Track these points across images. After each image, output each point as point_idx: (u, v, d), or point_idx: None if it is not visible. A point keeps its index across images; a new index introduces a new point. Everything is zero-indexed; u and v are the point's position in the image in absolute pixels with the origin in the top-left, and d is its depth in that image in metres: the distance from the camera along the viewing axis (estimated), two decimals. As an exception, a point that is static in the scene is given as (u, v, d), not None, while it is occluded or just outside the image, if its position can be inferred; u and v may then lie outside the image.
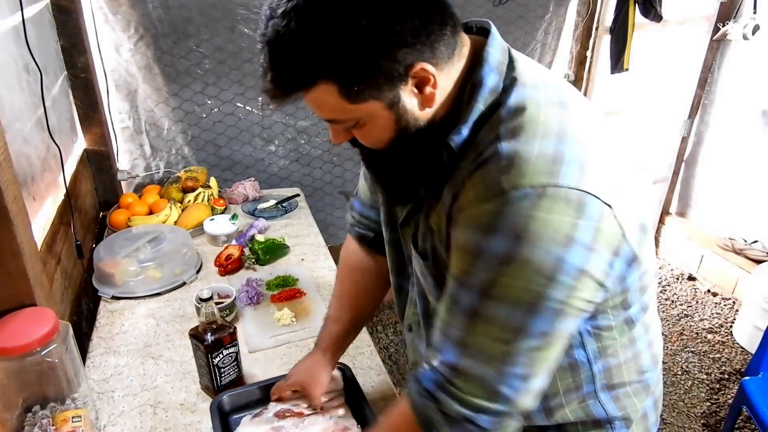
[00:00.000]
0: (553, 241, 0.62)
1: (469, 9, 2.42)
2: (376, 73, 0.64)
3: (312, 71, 0.64)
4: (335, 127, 0.74)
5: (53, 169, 1.59)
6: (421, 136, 0.72)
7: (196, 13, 2.05)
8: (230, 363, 1.16)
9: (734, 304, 2.98)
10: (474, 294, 0.67)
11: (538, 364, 0.68)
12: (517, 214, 0.62)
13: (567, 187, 0.62)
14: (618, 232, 0.65)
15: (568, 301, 0.65)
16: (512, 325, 0.66)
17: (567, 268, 0.63)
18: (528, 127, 0.66)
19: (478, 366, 0.68)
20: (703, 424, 2.26)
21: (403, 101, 0.68)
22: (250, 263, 1.70)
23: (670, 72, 3.02)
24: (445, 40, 0.67)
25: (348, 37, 0.61)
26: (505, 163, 0.64)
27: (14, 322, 1.01)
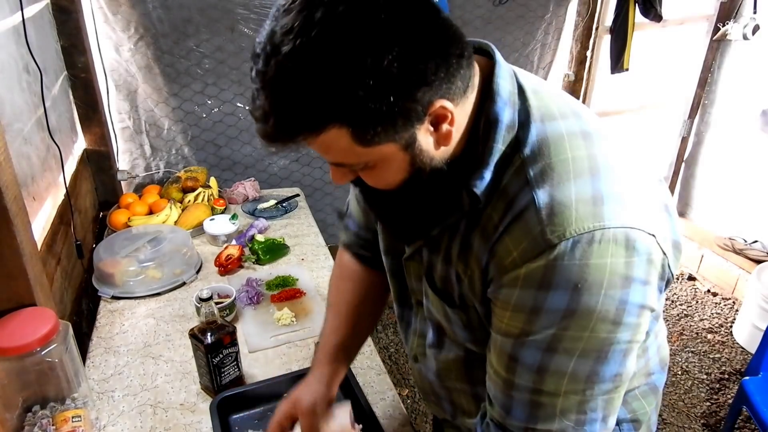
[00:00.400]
0: (612, 285, 0.60)
1: (468, 9, 2.42)
2: (394, 115, 0.57)
3: (322, 115, 0.56)
4: (340, 169, 0.68)
5: (53, 169, 1.59)
6: (438, 178, 0.66)
7: (196, 13, 2.05)
8: (230, 363, 1.16)
9: (734, 304, 2.98)
10: (540, 351, 0.64)
11: (613, 403, 0.68)
12: (570, 265, 0.60)
13: (614, 228, 0.60)
14: (663, 258, 0.64)
15: (633, 339, 0.64)
16: (584, 375, 0.64)
17: (630, 309, 0.62)
18: (559, 168, 0.62)
19: (559, 421, 0.67)
20: (703, 424, 2.26)
21: (419, 141, 0.61)
22: (250, 263, 1.70)
23: (670, 72, 3.02)
24: (462, 73, 0.61)
25: (365, 77, 0.53)
26: (545, 213, 0.61)
27: (14, 322, 1.01)
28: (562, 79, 2.85)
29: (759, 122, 2.75)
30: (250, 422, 1.11)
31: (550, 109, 0.67)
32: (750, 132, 2.85)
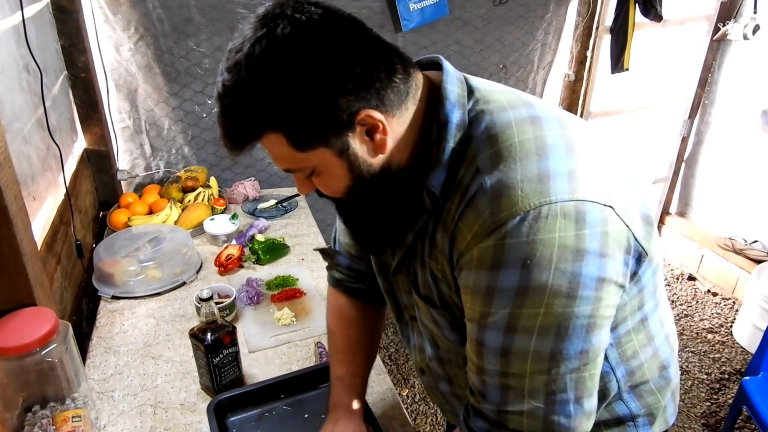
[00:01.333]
0: (562, 259, 0.61)
1: (469, 9, 2.42)
2: (320, 122, 0.64)
3: (258, 122, 0.65)
4: (297, 177, 0.74)
5: (53, 169, 1.59)
6: (379, 182, 0.71)
7: (196, 13, 2.05)
8: (230, 363, 1.16)
9: (734, 304, 2.98)
10: (499, 333, 0.65)
11: (585, 383, 0.67)
12: (518, 243, 0.61)
13: (561, 201, 0.61)
14: (625, 230, 0.64)
15: (595, 314, 0.64)
16: (547, 353, 0.64)
17: (585, 282, 0.62)
18: (505, 153, 0.65)
19: (526, 403, 0.67)
20: (703, 424, 2.26)
21: (353, 148, 0.67)
22: (250, 263, 1.70)
23: (670, 72, 3.03)
24: (394, 87, 0.66)
25: (290, 88, 0.62)
26: (492, 195, 0.63)
27: (14, 322, 1.01)
28: (562, 79, 2.85)
29: (759, 122, 2.75)
30: (248, 423, 1.11)
31: (499, 104, 0.70)
32: (750, 132, 2.85)
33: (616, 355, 0.77)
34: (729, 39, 2.80)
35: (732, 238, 3.00)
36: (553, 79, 2.82)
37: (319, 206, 2.60)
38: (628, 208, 0.66)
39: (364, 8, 2.26)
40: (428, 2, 2.31)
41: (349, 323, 1.05)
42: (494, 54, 2.57)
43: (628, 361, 0.79)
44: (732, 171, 2.99)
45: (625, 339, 0.77)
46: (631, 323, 0.76)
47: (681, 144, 3.22)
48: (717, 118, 3.05)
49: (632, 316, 0.76)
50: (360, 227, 0.82)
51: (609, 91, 2.91)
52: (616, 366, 0.78)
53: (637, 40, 2.63)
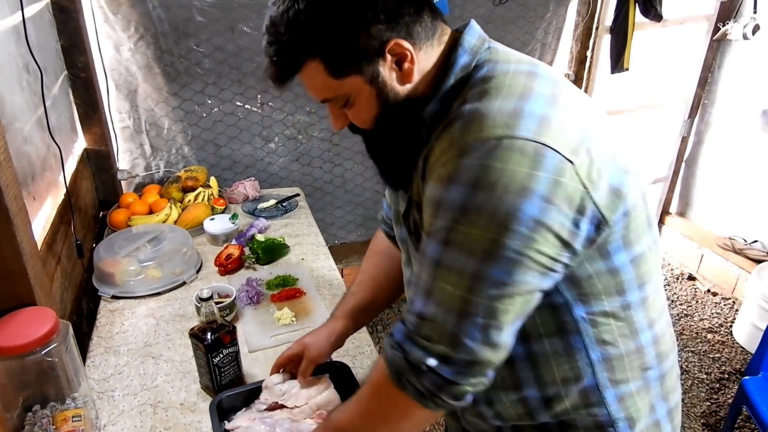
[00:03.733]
0: (507, 190, 0.64)
1: (469, 9, 2.42)
2: (354, 48, 0.72)
3: (301, 50, 0.73)
4: (332, 110, 0.81)
5: (53, 169, 1.59)
6: (403, 111, 0.77)
7: (196, 13, 2.05)
8: (230, 362, 1.16)
9: (734, 303, 2.98)
10: (436, 244, 0.69)
11: (497, 314, 0.68)
12: (473, 164, 0.65)
13: (523, 139, 0.64)
14: (580, 189, 0.66)
15: (524, 252, 0.66)
16: (470, 272, 0.67)
17: (522, 218, 0.64)
18: (492, 91, 0.70)
19: (441, 314, 0.70)
20: (703, 424, 2.26)
21: (383, 76, 0.74)
22: (250, 263, 1.70)
23: (670, 72, 3.02)
24: (422, 23, 0.74)
25: (328, 17, 0.70)
26: (465, 120, 0.68)
27: (14, 322, 1.01)
28: (562, 78, 2.85)
29: (759, 122, 2.75)
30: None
31: (506, 57, 0.76)
32: (750, 132, 2.85)
33: (591, 334, 0.77)
34: (729, 39, 2.80)
35: (732, 238, 3.00)
36: (553, 79, 2.83)
37: (319, 206, 2.60)
38: (594, 172, 0.67)
39: (364, 8, 2.26)
40: (428, 2, 2.31)
41: (376, 254, 1.16)
42: (494, 54, 2.57)
43: (606, 346, 0.78)
44: (732, 171, 2.99)
45: (601, 320, 0.77)
46: (609, 306, 0.76)
47: (681, 144, 3.22)
48: (717, 118, 3.05)
49: (610, 298, 0.76)
50: (385, 161, 0.87)
51: (609, 91, 2.91)
52: (590, 345, 0.77)
53: (637, 40, 2.63)
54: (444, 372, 0.70)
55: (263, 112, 2.33)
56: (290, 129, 2.41)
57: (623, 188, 0.71)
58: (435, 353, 0.70)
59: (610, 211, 0.69)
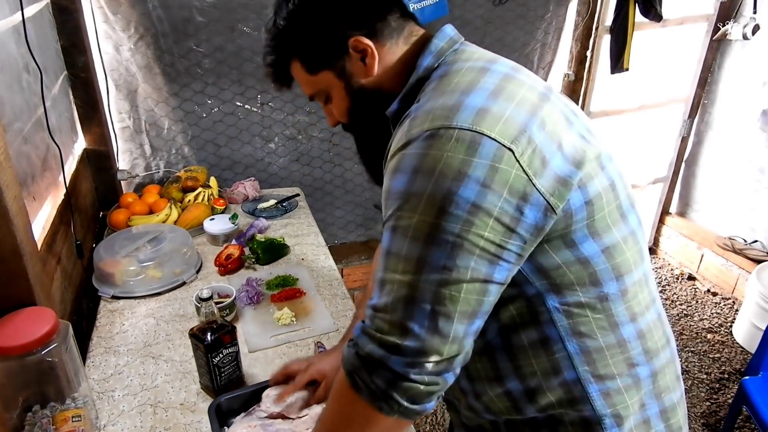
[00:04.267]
0: (442, 175, 0.67)
1: (469, 9, 2.42)
2: (323, 47, 0.83)
3: (283, 53, 0.87)
4: (324, 109, 0.92)
5: (53, 169, 1.59)
6: (369, 103, 0.86)
7: (196, 13, 2.05)
8: (230, 363, 1.16)
9: (734, 304, 2.98)
10: (386, 233, 0.72)
11: (443, 300, 0.68)
12: (413, 153, 0.70)
13: (459, 128, 0.68)
14: (522, 176, 0.67)
15: (463, 235, 0.67)
16: (413, 257, 0.69)
17: (458, 201, 0.66)
18: (440, 89, 0.75)
19: (390, 302, 0.70)
20: (703, 424, 2.26)
21: (348, 70, 0.84)
22: (250, 263, 1.70)
23: (670, 72, 3.02)
24: (387, 23, 0.83)
25: (301, 22, 0.83)
26: (412, 118, 0.73)
27: (14, 322, 1.01)
28: (562, 78, 2.85)
29: (759, 122, 2.76)
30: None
31: (468, 57, 0.81)
32: (750, 132, 2.85)
33: (566, 325, 0.76)
34: (729, 39, 2.81)
35: (732, 238, 3.00)
36: (553, 79, 2.83)
37: (319, 206, 2.60)
38: (536, 160, 0.68)
39: (364, 8, 2.26)
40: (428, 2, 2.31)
41: None
42: (494, 54, 2.57)
43: (582, 338, 0.77)
44: (732, 171, 2.99)
45: (577, 311, 0.76)
46: (584, 297, 0.76)
47: (681, 144, 3.22)
48: (717, 118, 3.05)
49: (583, 289, 0.76)
50: (367, 158, 0.95)
51: (609, 91, 2.91)
52: (565, 337, 0.77)
53: (636, 40, 2.63)
54: (394, 364, 0.69)
55: (263, 112, 2.33)
56: (290, 129, 2.41)
57: (573, 178, 0.71)
58: (385, 344, 0.70)
59: (557, 199, 0.70)
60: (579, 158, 0.73)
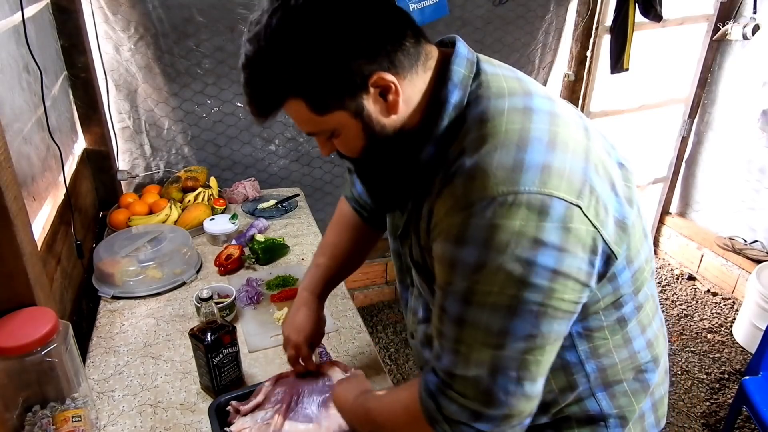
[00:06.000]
0: (519, 245, 0.63)
1: (469, 9, 2.42)
2: (336, 85, 0.69)
3: (280, 90, 0.70)
4: (318, 139, 0.79)
5: (53, 169, 1.59)
6: (392, 144, 0.75)
7: (196, 13, 2.05)
8: (230, 363, 1.16)
9: (734, 304, 2.98)
10: (458, 302, 0.69)
11: (529, 366, 0.69)
12: (481, 224, 0.65)
13: (528, 193, 0.64)
14: (591, 230, 0.67)
15: (547, 303, 0.66)
16: (496, 330, 0.67)
17: (538, 271, 0.64)
18: (489, 139, 0.68)
19: (472, 371, 0.70)
20: (703, 424, 2.26)
21: (367, 110, 0.71)
22: (250, 263, 1.70)
23: (670, 72, 3.02)
24: (404, 50, 0.70)
25: (305, 56, 0.67)
26: (467, 176, 0.67)
27: (14, 322, 1.01)
28: (562, 79, 2.85)
29: (759, 122, 2.75)
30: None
31: (500, 90, 0.73)
32: (750, 132, 2.85)
33: (587, 349, 0.79)
34: (729, 39, 2.80)
35: (732, 238, 3.00)
36: (553, 79, 2.82)
37: (319, 206, 2.60)
38: (601, 210, 0.68)
39: (364, 8, 2.26)
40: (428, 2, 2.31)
41: (345, 227, 1.16)
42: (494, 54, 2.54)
43: (600, 358, 0.80)
44: (732, 171, 2.99)
45: (598, 335, 0.78)
46: (606, 320, 0.78)
47: (681, 144, 3.22)
48: (717, 118, 3.05)
49: (606, 313, 0.77)
50: (374, 186, 0.87)
51: (609, 91, 2.91)
52: (585, 359, 0.79)
53: (636, 40, 2.63)
54: (481, 427, 0.71)
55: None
56: (290, 129, 2.41)
57: (627, 219, 0.72)
58: (470, 410, 0.71)
59: (617, 246, 0.70)
60: (629, 196, 0.73)
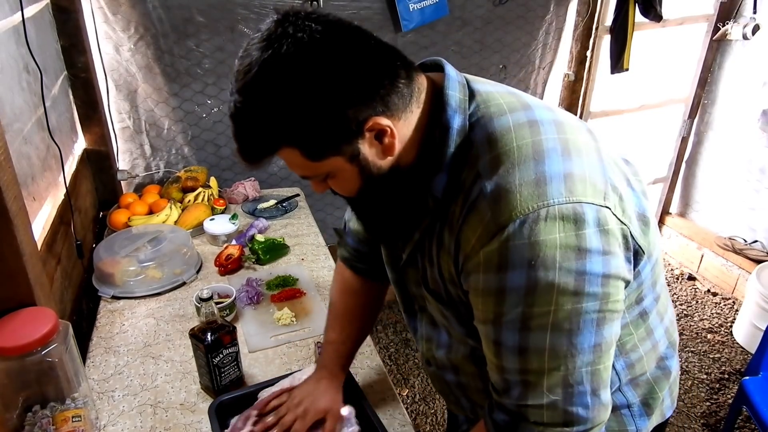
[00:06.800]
0: (566, 258, 0.63)
1: (469, 9, 2.42)
2: (330, 134, 0.67)
3: (272, 140, 0.68)
4: (313, 181, 0.78)
5: (53, 169, 1.59)
6: (388, 181, 0.74)
7: (196, 13, 2.05)
8: (230, 363, 1.16)
9: (734, 304, 2.98)
10: (515, 332, 0.68)
11: (601, 375, 0.69)
12: (521, 244, 0.63)
13: (558, 204, 0.63)
14: (623, 228, 0.67)
15: (605, 308, 0.66)
16: (562, 349, 0.67)
17: (591, 279, 0.64)
18: (504, 158, 0.67)
19: (545, 397, 0.69)
20: (703, 424, 2.26)
21: (363, 154, 0.70)
22: (250, 263, 1.70)
23: (670, 72, 3.02)
24: (398, 91, 0.69)
25: (298, 106, 0.64)
26: (492, 199, 0.66)
27: (14, 322, 1.01)
28: (562, 79, 2.85)
29: (759, 122, 2.75)
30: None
31: (499, 108, 0.72)
32: (750, 132, 2.85)
33: (616, 348, 0.79)
34: (729, 39, 2.80)
35: (732, 238, 3.00)
36: (553, 79, 2.82)
37: (319, 206, 2.60)
38: (626, 207, 0.68)
39: (363, 8, 2.25)
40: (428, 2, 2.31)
41: (350, 294, 1.12)
42: (494, 54, 2.57)
43: (628, 354, 0.81)
44: (732, 171, 2.99)
45: (624, 332, 0.79)
46: (630, 317, 0.79)
47: (681, 144, 3.22)
48: (717, 118, 3.05)
49: (630, 310, 0.78)
50: (371, 222, 0.86)
51: (609, 91, 2.91)
52: (615, 358, 0.79)
53: (636, 40, 2.63)
54: None
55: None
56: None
57: (647, 213, 0.72)
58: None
59: (643, 239, 0.71)
60: (643, 189, 0.74)
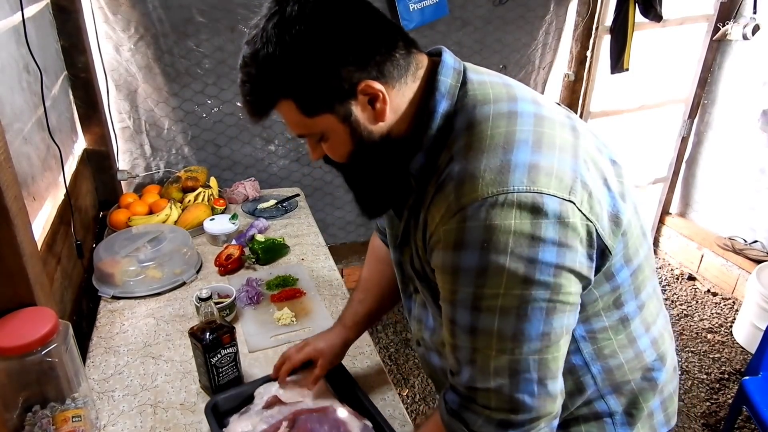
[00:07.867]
0: (518, 244, 0.64)
1: (469, 9, 2.42)
2: (325, 90, 0.71)
3: (273, 91, 0.73)
4: (309, 142, 0.80)
5: (53, 169, 1.59)
6: (379, 150, 0.76)
7: (196, 13, 2.05)
8: (228, 363, 1.16)
9: (734, 304, 2.98)
10: (467, 311, 0.69)
11: (548, 364, 0.69)
12: (476, 226, 0.65)
13: (517, 192, 0.65)
14: (588, 224, 0.67)
15: (555, 298, 0.66)
16: (509, 333, 0.67)
17: (542, 268, 0.65)
18: (476, 144, 0.69)
19: (492, 380, 0.70)
20: (703, 424, 2.26)
21: (355, 115, 0.73)
22: (250, 263, 1.70)
23: (670, 72, 3.02)
24: (394, 61, 0.72)
25: (297, 60, 0.69)
26: (457, 181, 0.68)
27: (14, 322, 1.01)
28: (562, 79, 2.85)
29: (759, 122, 2.75)
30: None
31: (485, 97, 0.74)
32: (750, 132, 2.85)
33: (591, 351, 0.79)
34: (729, 39, 2.80)
35: (732, 238, 3.00)
36: (553, 79, 2.83)
37: (319, 206, 2.60)
38: (594, 204, 0.68)
39: (364, 8, 2.26)
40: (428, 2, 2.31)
41: (377, 261, 1.16)
42: (494, 54, 2.57)
43: (606, 359, 0.81)
44: (732, 171, 2.99)
45: (601, 336, 0.79)
46: (608, 321, 0.78)
47: (681, 144, 3.22)
48: (717, 118, 3.05)
49: (608, 313, 0.78)
50: (360, 192, 0.87)
51: (609, 91, 2.91)
52: (591, 361, 0.80)
53: (636, 40, 2.63)
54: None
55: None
56: (290, 129, 2.41)
57: (621, 214, 0.72)
58: (497, 420, 0.71)
59: (611, 240, 0.71)
60: (622, 191, 0.74)
